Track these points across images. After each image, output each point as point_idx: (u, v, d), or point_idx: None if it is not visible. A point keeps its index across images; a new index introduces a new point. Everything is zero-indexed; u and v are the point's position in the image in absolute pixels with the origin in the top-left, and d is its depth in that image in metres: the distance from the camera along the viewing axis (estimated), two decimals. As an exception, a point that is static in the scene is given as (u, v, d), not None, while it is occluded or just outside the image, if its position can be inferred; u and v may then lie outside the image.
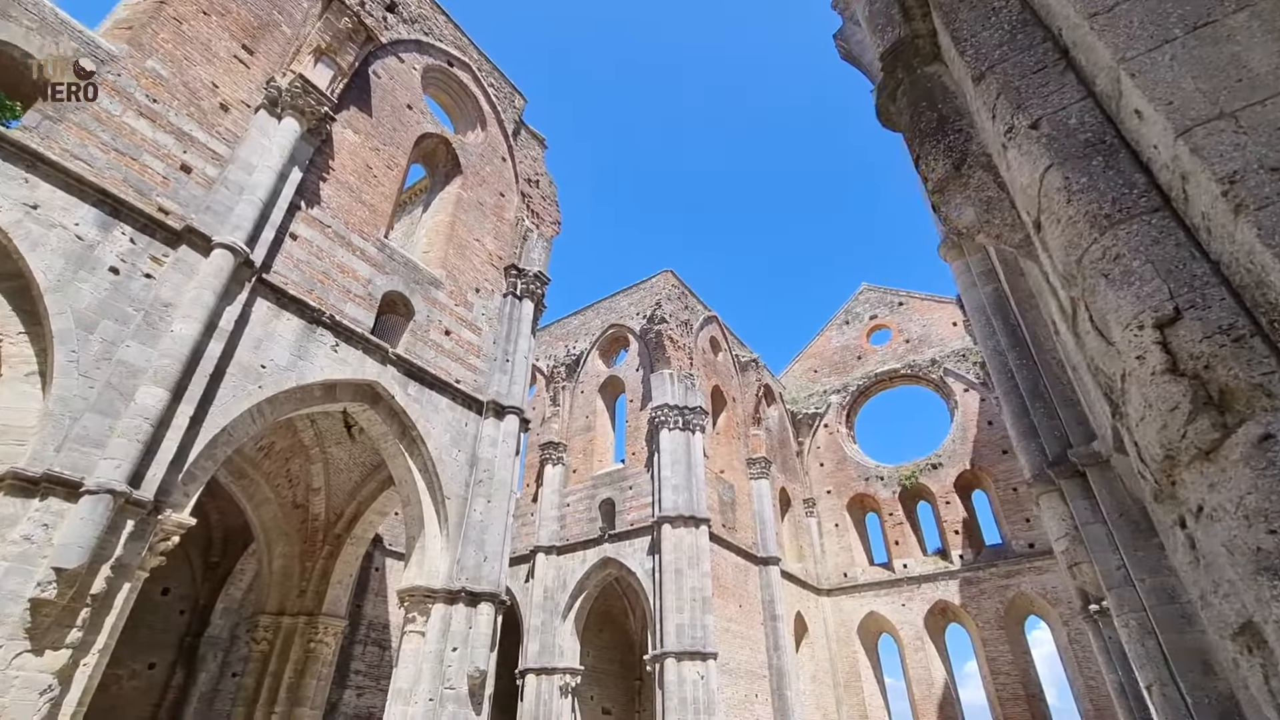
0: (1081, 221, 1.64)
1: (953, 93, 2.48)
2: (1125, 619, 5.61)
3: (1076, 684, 19.68)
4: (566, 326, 26.00)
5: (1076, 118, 1.76)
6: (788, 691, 19.05)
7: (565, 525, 20.80)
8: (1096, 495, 6.04)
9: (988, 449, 24.11)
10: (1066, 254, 1.71)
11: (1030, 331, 6.88)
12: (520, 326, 13.96)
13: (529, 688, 17.86)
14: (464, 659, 10.07)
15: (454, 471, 11.44)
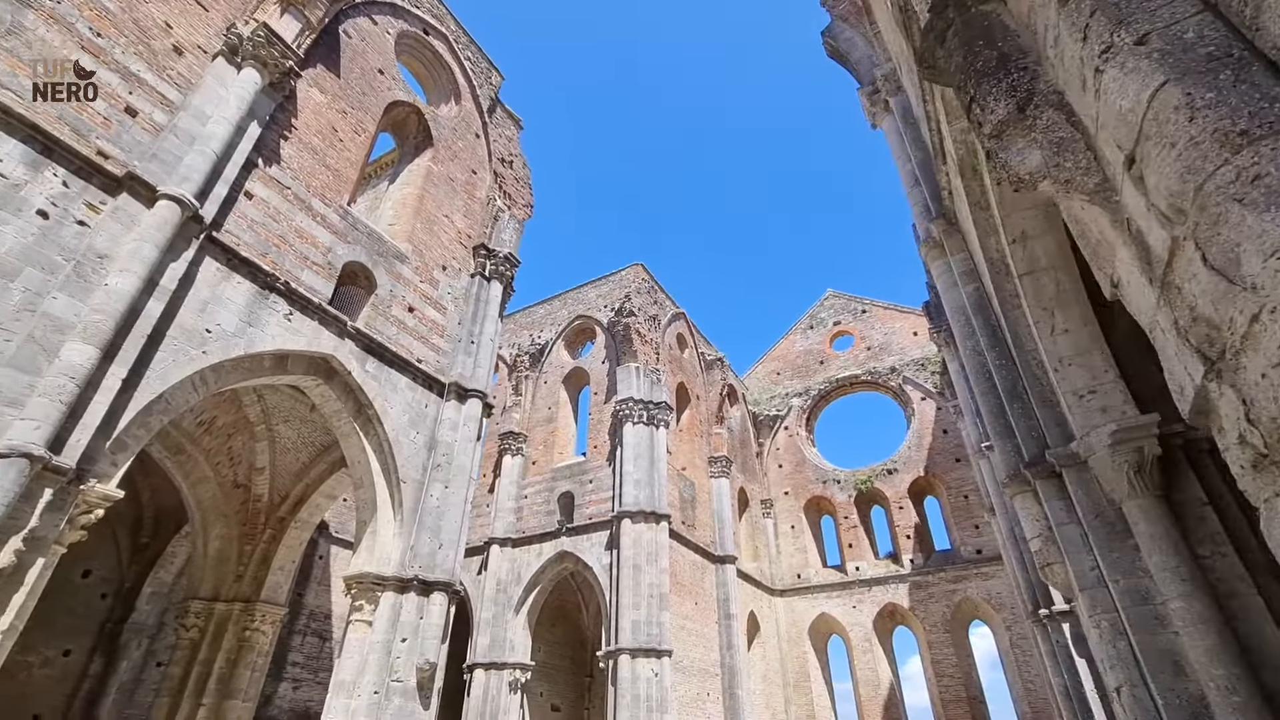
0: (1207, 141, 1.43)
1: (1014, 31, 2.28)
2: (1097, 620, 5.60)
3: (1016, 687, 20.26)
4: (532, 315, 25.47)
5: (1195, 31, 1.55)
6: (739, 690, 19.02)
7: (522, 517, 20.31)
8: (1072, 496, 6.03)
9: (942, 456, 24.67)
10: (1182, 182, 1.49)
11: (1012, 331, 6.86)
12: (487, 308, 13.47)
13: (476, 683, 17.34)
14: (413, 650, 9.58)
15: (411, 454, 10.90)
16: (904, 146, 9.79)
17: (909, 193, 9.54)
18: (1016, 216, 6.51)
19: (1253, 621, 5.01)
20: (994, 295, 7.13)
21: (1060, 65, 1.99)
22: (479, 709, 16.92)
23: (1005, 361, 7.15)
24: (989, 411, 7.32)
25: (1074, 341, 6.36)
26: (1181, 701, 4.92)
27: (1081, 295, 6.41)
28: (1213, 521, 5.43)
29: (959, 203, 7.54)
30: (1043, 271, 6.51)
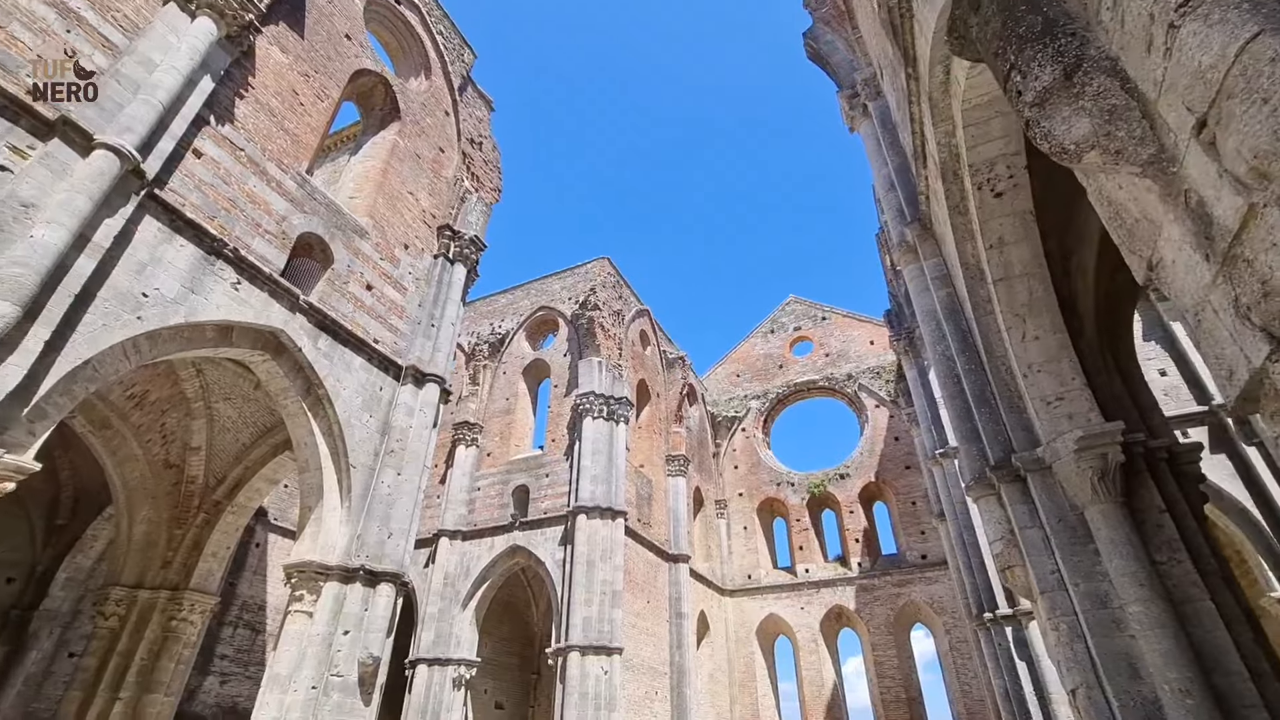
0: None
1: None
2: (1056, 622, 5.68)
3: (952, 688, 20.86)
4: (493, 304, 24.90)
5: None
6: (687, 689, 18.99)
7: (474, 510, 19.78)
8: (1036, 500, 6.11)
9: (892, 463, 25.24)
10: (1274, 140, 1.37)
11: (983, 337, 6.94)
12: (450, 291, 13.00)
13: (419, 679, 16.77)
14: (356, 643, 9.10)
15: (363, 438, 10.39)
16: (881, 151, 9.86)
17: (883, 197, 9.60)
18: (994, 222, 6.57)
19: (1205, 626, 5.15)
20: (967, 300, 7.19)
21: (1118, 27, 1.87)
22: (421, 706, 16.37)
23: (974, 366, 7.22)
24: (955, 415, 7.38)
25: (1043, 348, 6.45)
26: (1136, 704, 5.01)
27: (1052, 303, 6.52)
28: (1170, 529, 5.57)
29: (937, 206, 7.59)
30: (1017, 278, 6.59)
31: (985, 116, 6.01)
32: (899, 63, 7.69)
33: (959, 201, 6.87)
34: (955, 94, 6.00)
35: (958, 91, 5.91)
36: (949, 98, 6.19)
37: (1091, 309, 6.89)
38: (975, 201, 6.51)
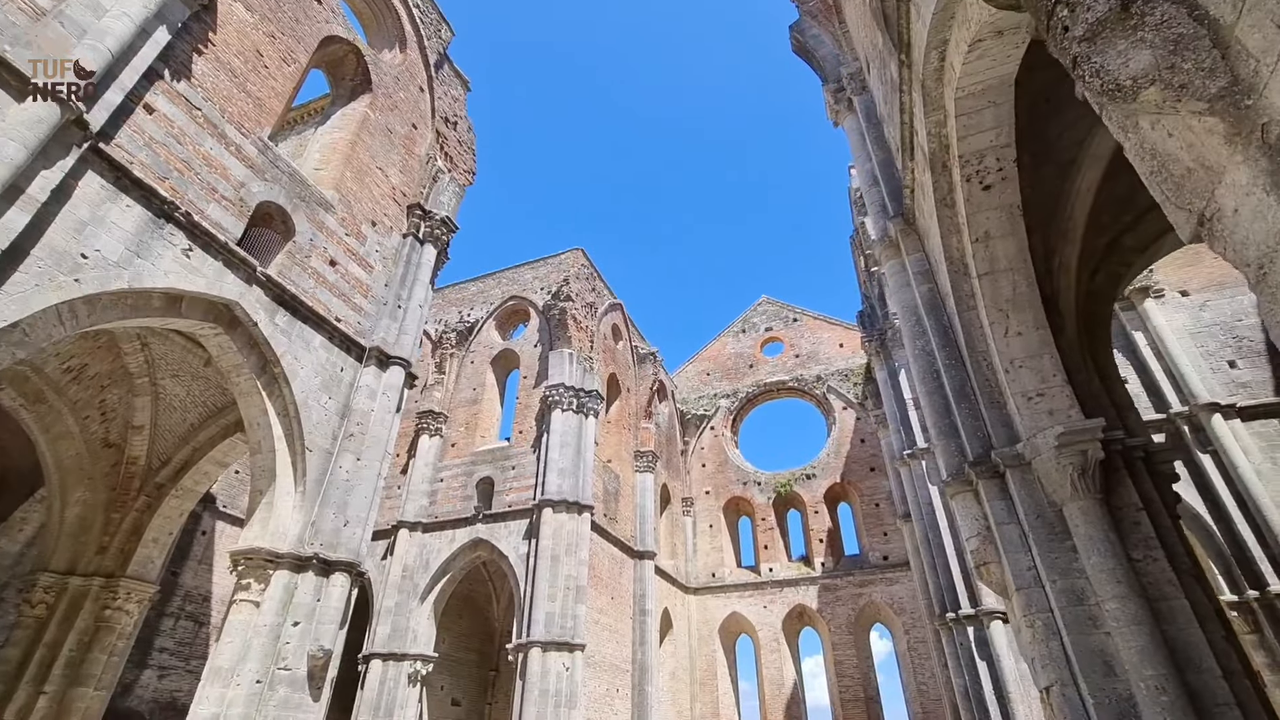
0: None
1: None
2: (1032, 619, 5.62)
3: (909, 688, 21.14)
4: (463, 292, 24.30)
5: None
6: (649, 687, 18.80)
7: (436, 501, 19.23)
8: (1014, 497, 6.06)
9: (858, 465, 25.49)
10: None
11: (965, 332, 6.88)
12: (418, 272, 12.53)
13: (373, 674, 16.20)
14: (306, 635, 8.63)
15: (320, 420, 9.89)
16: (865, 145, 9.79)
17: (866, 192, 9.53)
18: (981, 216, 6.50)
19: (1179, 624, 5.14)
20: (950, 295, 7.13)
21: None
22: (373, 702, 15.81)
23: (955, 362, 7.16)
24: (934, 411, 7.32)
25: (1026, 344, 6.41)
26: (1110, 701, 4.96)
27: (1036, 299, 6.48)
28: (1146, 526, 5.57)
29: (923, 200, 7.52)
30: (1001, 273, 6.54)
31: (978, 106, 5.92)
32: (889, 53, 7.59)
33: (946, 194, 6.79)
34: (949, 81, 5.90)
35: (952, 78, 5.80)
36: (942, 85, 6.08)
37: (1072, 307, 6.89)
38: (963, 194, 6.43)
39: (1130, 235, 7.42)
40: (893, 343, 15.98)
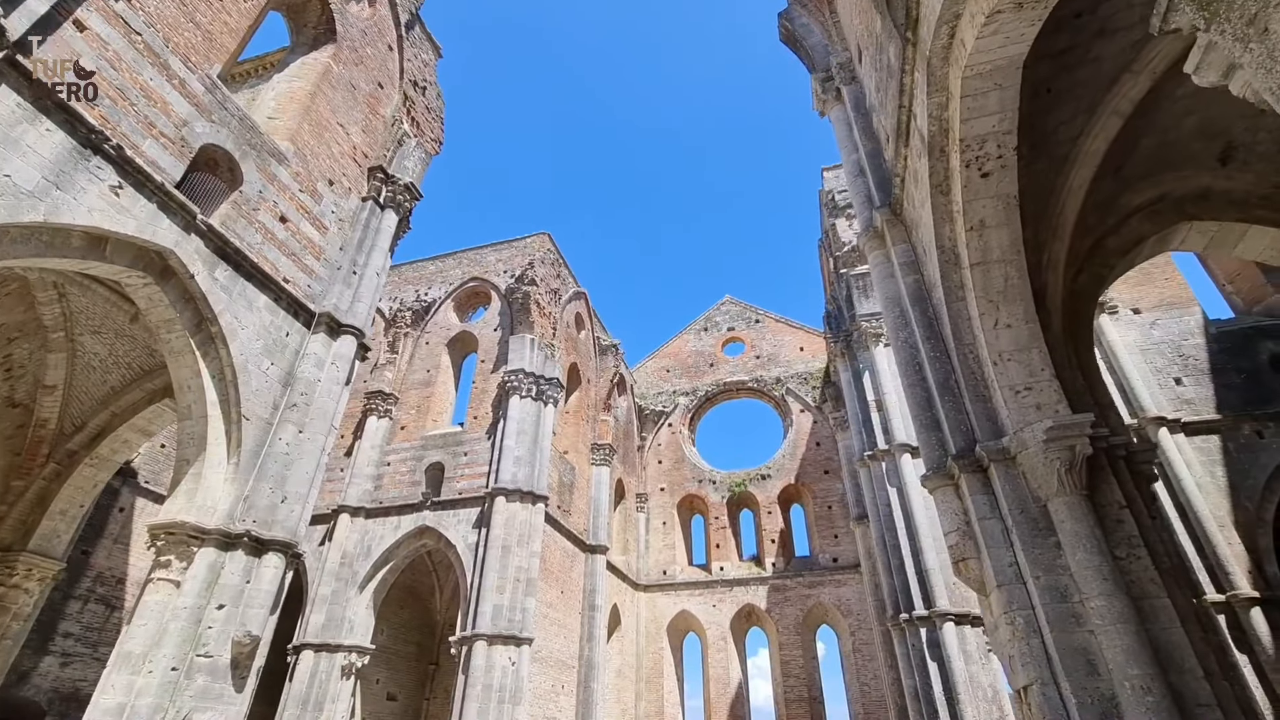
0: None
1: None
2: (1012, 616, 5.46)
3: (852, 689, 21.35)
4: (421, 270, 23.33)
5: None
6: (594, 684, 18.36)
7: (381, 486, 18.32)
8: (998, 491, 5.91)
9: (812, 467, 25.68)
10: None
11: (953, 324, 6.73)
12: (377, 238, 11.78)
13: (303, 665, 15.23)
14: (232, 620, 7.86)
15: (261, 387, 9.08)
16: (852, 135, 9.62)
17: (851, 182, 9.36)
18: (978, 204, 6.34)
19: (1161, 623, 5.05)
20: (938, 286, 6.97)
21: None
22: (302, 695, 14.86)
23: (939, 355, 7.01)
24: (915, 404, 7.15)
25: (1015, 337, 6.28)
26: (1093, 700, 4.83)
27: (1027, 292, 6.37)
28: (1130, 524, 5.48)
29: (914, 189, 7.35)
30: (994, 264, 6.40)
31: (984, 88, 5.73)
32: (888, 36, 7.39)
33: (942, 180, 6.61)
34: (956, 60, 5.70)
35: (960, 57, 5.60)
36: (948, 65, 5.88)
37: (1059, 305, 6.83)
38: (961, 180, 6.26)
39: (1113, 238, 7.44)
40: (858, 345, 16.03)
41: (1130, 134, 6.87)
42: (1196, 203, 7.37)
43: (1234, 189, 7.22)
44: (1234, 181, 7.21)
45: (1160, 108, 6.79)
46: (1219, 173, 7.27)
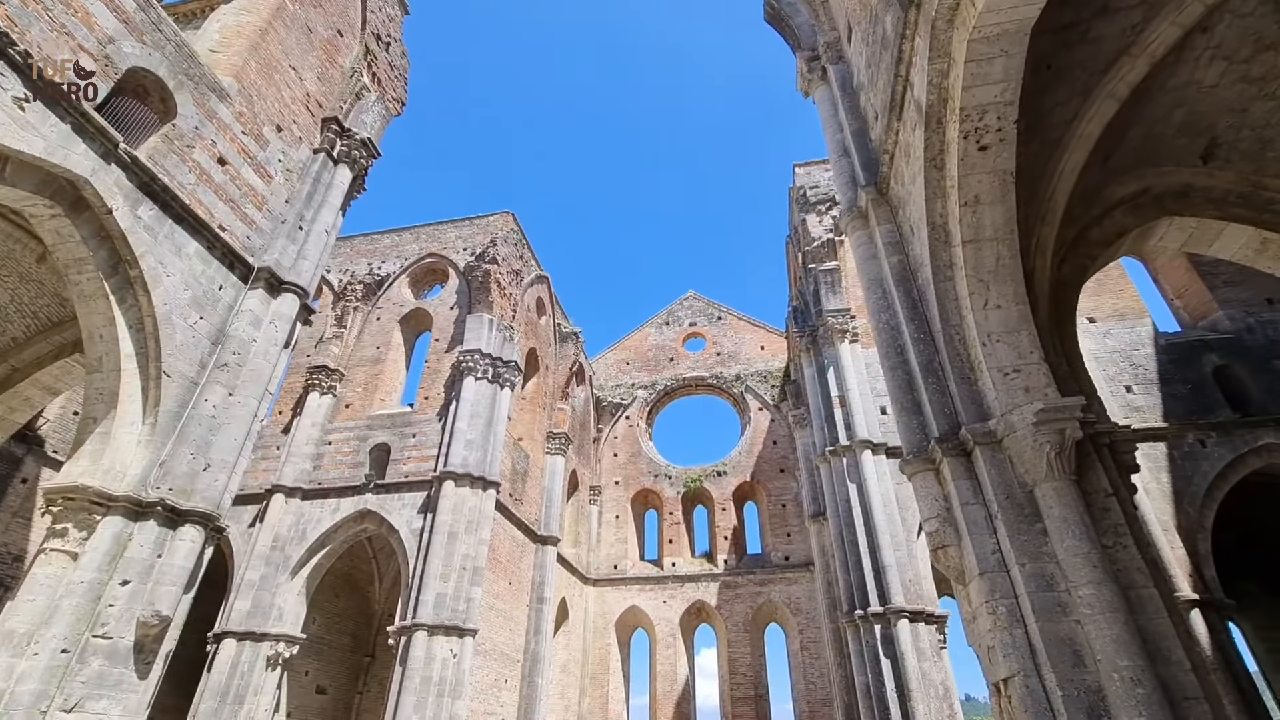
0: None
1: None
2: (994, 605, 5.21)
3: (798, 687, 21.35)
4: (375, 243, 22.20)
5: None
6: (539, 679, 17.74)
7: (320, 466, 17.24)
8: (982, 476, 5.68)
9: (768, 466, 25.65)
10: None
11: (940, 304, 6.48)
12: (328, 194, 10.93)
13: (224, 655, 14.12)
14: (138, 598, 6.99)
15: (186, 342, 8.19)
16: (837, 115, 9.37)
17: (835, 163, 9.10)
18: (973, 179, 6.09)
19: (1149, 613, 4.86)
20: (925, 265, 6.72)
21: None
22: (221, 687, 13.76)
23: (923, 336, 6.76)
24: (897, 387, 6.89)
25: (1004, 318, 6.07)
26: (1079, 693, 4.59)
27: (1018, 273, 6.16)
28: (1116, 512, 5.30)
29: (906, 164, 7.08)
30: (986, 242, 6.17)
31: (990, 53, 5.47)
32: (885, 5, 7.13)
33: (937, 154, 6.35)
34: (963, 22, 5.41)
35: (967, 19, 5.32)
36: (953, 29, 5.60)
37: (1046, 290, 6.67)
38: (958, 152, 6.00)
39: (1096, 229, 7.35)
40: (824, 340, 15.91)
41: (1121, 123, 6.76)
42: (1177, 199, 7.35)
43: (1214, 186, 7.23)
44: (1214, 179, 7.22)
45: (1152, 98, 6.70)
46: (1200, 170, 7.26)
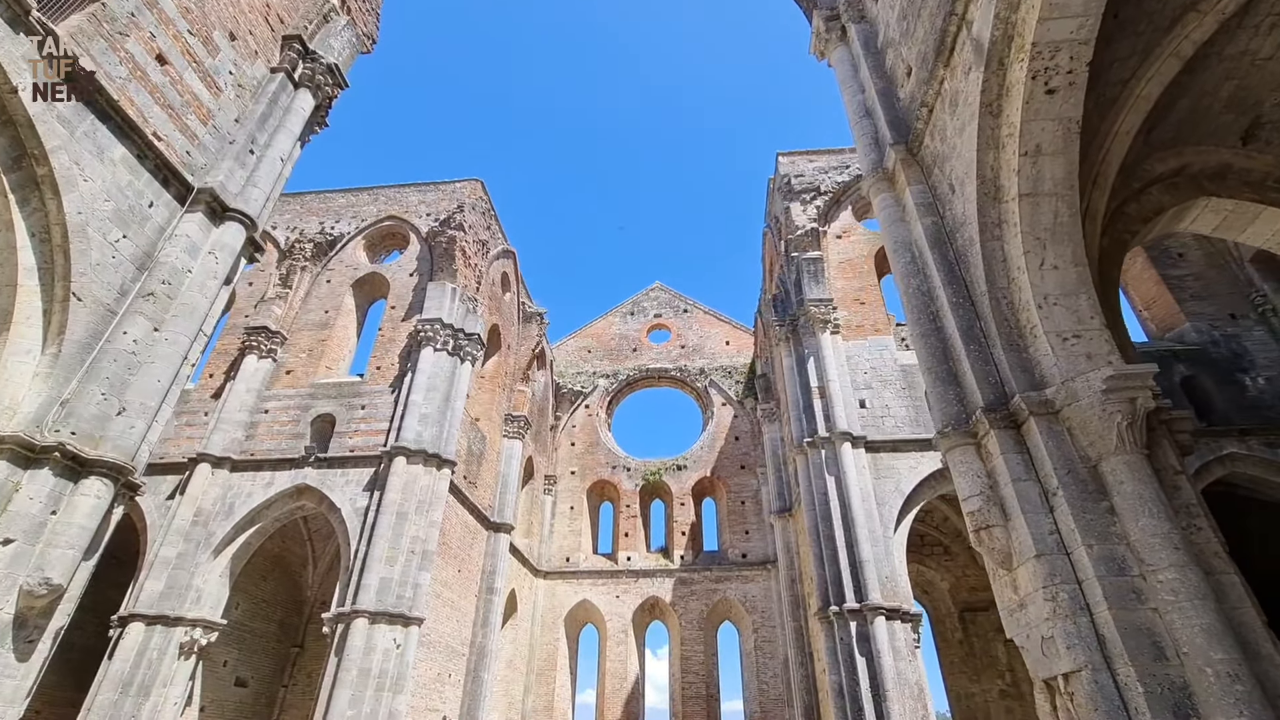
0: None
1: None
2: (1054, 590, 4.65)
3: (751, 686, 20.90)
4: (329, 201, 20.53)
5: None
6: (484, 674, 16.62)
7: (254, 435, 15.64)
8: (1038, 449, 5.11)
9: (729, 461, 25.19)
10: None
11: (987, 266, 5.92)
12: (286, 119, 9.65)
13: (129, 640, 12.46)
14: (23, 562, 5.70)
15: (104, 262, 6.87)
16: (858, 77, 8.80)
17: (856, 125, 8.51)
18: (1037, 125, 5.54)
19: (1231, 602, 4.34)
20: (969, 223, 6.15)
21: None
22: (124, 677, 12.12)
23: (962, 301, 6.19)
24: (929, 355, 6.30)
25: (1062, 280, 5.53)
26: (1163, 690, 4.03)
27: (1077, 232, 5.64)
28: (1187, 491, 4.80)
29: (952, 115, 6.50)
30: (1045, 196, 5.62)
31: (1073, -19, 4.94)
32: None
33: (994, 99, 5.78)
34: (1047, -57, 4.86)
35: (1053, -61, 4.77)
36: (1032, -47, 5.06)
37: (1096, 258, 6.22)
38: (1023, 95, 5.43)
39: (1134, 204, 6.97)
40: (804, 330, 15.46)
41: (1175, 89, 6.39)
42: (1214, 180, 7.07)
43: (1253, 169, 6.97)
44: (1254, 161, 6.96)
45: (1208, 65, 6.34)
46: (1240, 151, 6.99)
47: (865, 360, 15.25)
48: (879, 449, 13.74)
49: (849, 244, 17.48)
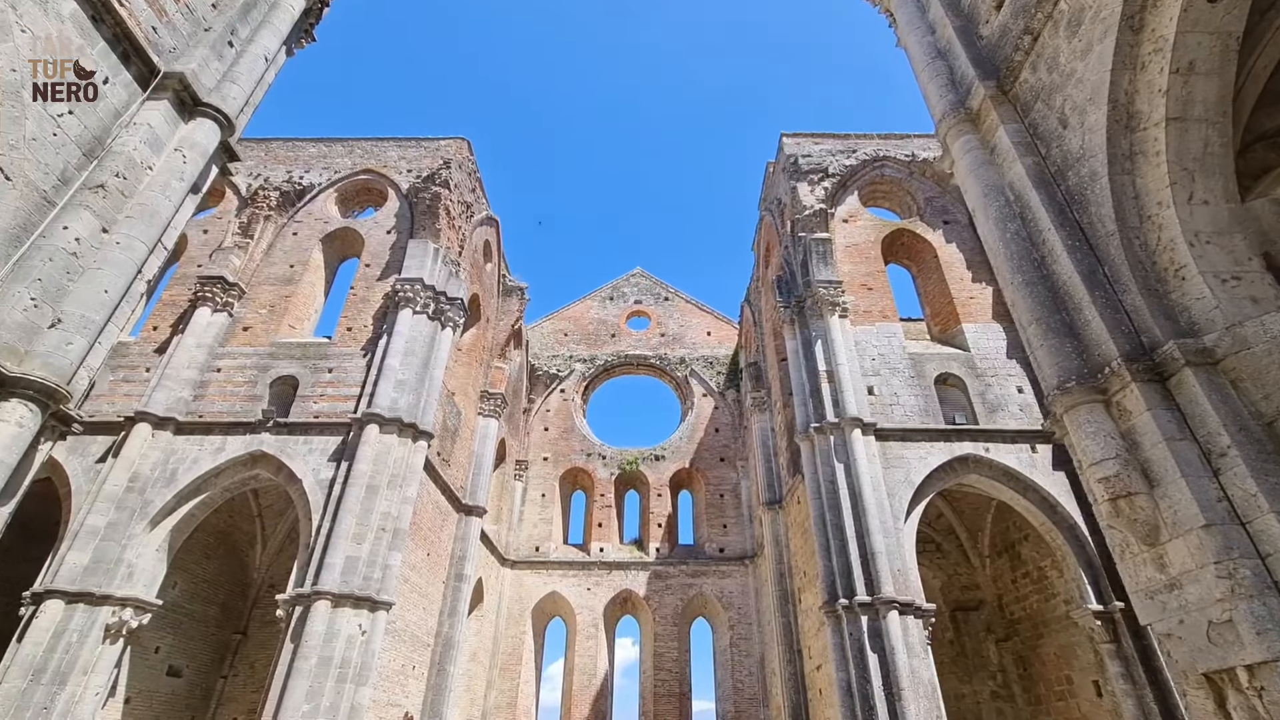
0: None
1: None
2: (1230, 566, 3.91)
3: (724, 685, 20.16)
4: (298, 150, 18.82)
5: None
6: (450, 666, 15.34)
7: (205, 395, 13.98)
8: (1197, 404, 4.39)
9: (708, 453, 24.47)
10: None
11: (1117, 202, 5.20)
12: (272, 14, 8.31)
13: (45, 620, 10.75)
14: (-89, 500, 4.34)
15: (41, 138, 5.49)
16: (925, 18, 8.06)
17: (925, 69, 7.75)
18: (1192, 38, 4.81)
19: None
20: (1093, 157, 5.42)
21: None
22: (36, 661, 10.42)
23: (1077, 243, 5.46)
24: (1036, 305, 5.54)
25: (1213, 216, 4.82)
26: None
27: (1228, 165, 4.94)
28: (1377, 456, 4.18)
29: (1071, 37, 5.76)
30: (1195, 122, 4.91)
31: None
32: None
33: (1138, 10, 5.07)
34: None
35: None
36: None
37: (1227, 203, 5.59)
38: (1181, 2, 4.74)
39: (1240, 159, 6.42)
40: (811, 312, 14.76)
41: (1302, 33, 5.83)
42: (1319, 142, 6.59)
43: (1363, 132, 6.51)
44: (1364, 124, 6.50)
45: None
46: (1349, 113, 6.53)
47: (873, 347, 14.67)
48: (888, 437, 13.14)
49: (856, 229, 16.92)
